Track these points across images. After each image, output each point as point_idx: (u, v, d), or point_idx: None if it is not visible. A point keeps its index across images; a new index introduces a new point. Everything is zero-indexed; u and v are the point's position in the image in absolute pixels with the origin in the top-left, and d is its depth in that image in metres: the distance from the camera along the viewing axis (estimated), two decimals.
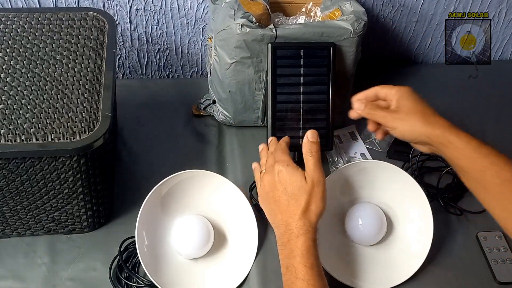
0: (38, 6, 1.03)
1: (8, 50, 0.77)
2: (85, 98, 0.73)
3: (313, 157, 0.76)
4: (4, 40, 0.79)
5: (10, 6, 1.02)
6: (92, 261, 0.82)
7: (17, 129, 0.68)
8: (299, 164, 0.97)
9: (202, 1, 1.06)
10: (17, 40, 0.79)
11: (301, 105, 0.91)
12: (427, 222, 0.85)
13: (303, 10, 1.01)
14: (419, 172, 0.96)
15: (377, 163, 0.88)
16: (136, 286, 0.80)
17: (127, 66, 1.18)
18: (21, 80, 0.73)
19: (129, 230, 0.82)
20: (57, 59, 0.77)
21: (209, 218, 0.85)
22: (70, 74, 0.75)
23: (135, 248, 0.80)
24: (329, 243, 0.83)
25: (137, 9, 1.06)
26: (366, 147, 1.01)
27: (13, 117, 0.69)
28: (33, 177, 0.72)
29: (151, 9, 1.07)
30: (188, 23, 1.10)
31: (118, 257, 0.81)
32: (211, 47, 0.95)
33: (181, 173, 0.83)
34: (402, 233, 0.87)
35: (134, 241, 0.80)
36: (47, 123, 0.69)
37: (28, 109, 0.70)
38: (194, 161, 0.96)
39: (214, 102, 1.01)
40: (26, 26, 0.81)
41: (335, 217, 0.87)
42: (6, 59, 0.76)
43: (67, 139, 0.68)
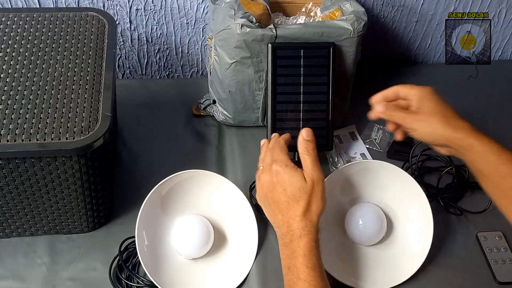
0: (38, 6, 1.03)
1: (8, 50, 0.77)
2: (85, 98, 0.73)
3: (310, 155, 0.75)
4: (4, 40, 0.79)
5: (10, 6, 1.02)
6: (92, 261, 0.82)
7: (17, 129, 0.68)
8: (299, 164, 0.97)
9: (202, 1, 1.06)
10: (17, 40, 0.79)
11: (301, 105, 0.91)
12: (427, 222, 0.85)
13: (303, 10, 1.01)
14: (419, 172, 0.96)
15: (377, 163, 0.88)
16: (136, 286, 0.80)
17: (127, 66, 1.18)
18: (21, 80, 0.73)
19: (129, 230, 0.82)
20: (57, 59, 0.77)
21: (209, 218, 0.85)
22: (70, 74, 0.75)
23: (135, 248, 0.80)
24: (329, 243, 0.83)
25: (137, 9, 1.06)
26: (366, 147, 1.01)
27: (13, 117, 0.69)
28: (33, 177, 0.72)
29: (151, 9, 1.07)
30: (188, 23, 1.10)
31: (118, 257, 0.81)
32: (211, 47, 0.95)
33: (181, 173, 0.83)
34: (402, 233, 0.87)
35: (134, 241, 0.80)
36: (47, 123, 0.69)
37: (28, 109, 0.70)
38: (194, 161, 0.96)
39: (214, 102, 1.01)
40: (26, 26, 0.81)
41: (335, 217, 0.87)
42: (6, 59, 0.76)
43: (67, 139, 0.68)
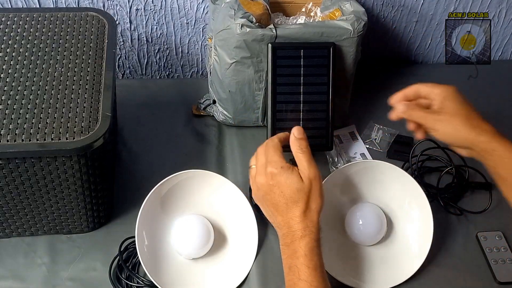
0: (38, 6, 1.03)
1: (8, 50, 0.77)
2: (85, 98, 0.73)
3: (304, 153, 0.74)
4: (4, 40, 0.79)
5: (10, 6, 1.02)
6: (92, 261, 0.82)
7: (17, 129, 0.68)
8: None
9: (202, 1, 1.06)
10: (17, 40, 0.79)
11: (301, 105, 0.91)
12: (427, 222, 0.85)
13: (303, 10, 1.01)
14: (419, 172, 0.96)
15: (377, 163, 0.88)
16: (136, 286, 0.80)
17: (127, 66, 1.18)
18: (21, 80, 0.73)
19: (129, 230, 0.82)
20: (57, 59, 0.77)
21: (209, 218, 0.85)
22: (70, 74, 0.75)
23: (135, 248, 0.80)
24: (329, 243, 0.83)
25: (137, 9, 1.06)
26: (366, 147, 1.01)
27: (13, 117, 0.69)
28: (33, 177, 0.72)
29: (151, 9, 1.07)
30: (188, 23, 1.10)
31: (118, 257, 0.81)
32: (211, 47, 0.95)
33: (181, 173, 0.83)
34: (402, 233, 0.87)
35: (134, 241, 0.80)
36: (47, 123, 0.69)
37: (28, 109, 0.70)
38: (194, 161, 0.96)
39: (214, 102, 1.01)
40: (26, 26, 0.81)
41: (335, 217, 0.87)
42: (6, 59, 0.76)
43: (67, 139, 0.68)
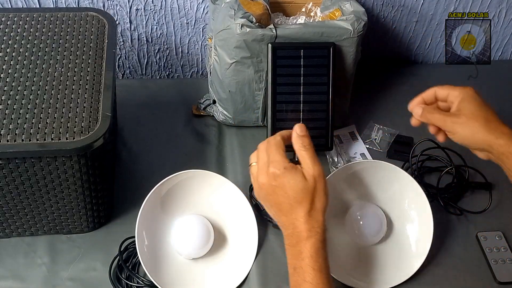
0: (38, 6, 1.03)
1: (8, 50, 0.77)
2: (85, 98, 0.73)
3: (307, 151, 0.71)
4: (4, 40, 0.79)
5: (10, 6, 1.02)
6: (92, 261, 0.82)
7: (17, 129, 0.68)
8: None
9: (202, 1, 1.06)
10: (17, 40, 0.79)
11: (301, 105, 0.91)
12: (427, 222, 0.85)
13: (303, 10, 1.01)
14: (419, 172, 0.96)
15: (377, 163, 0.88)
16: (136, 286, 0.80)
17: (127, 66, 1.18)
18: (21, 80, 0.73)
19: (129, 230, 0.82)
20: (57, 59, 0.77)
21: (209, 218, 0.85)
22: (70, 74, 0.75)
23: (135, 248, 0.80)
24: (329, 243, 0.83)
25: (137, 9, 1.06)
26: (366, 147, 1.01)
27: (13, 117, 0.69)
28: (33, 177, 0.72)
29: (151, 9, 1.07)
30: (188, 23, 1.10)
31: (118, 257, 0.81)
32: (211, 47, 0.95)
33: (181, 173, 0.83)
34: (402, 233, 0.87)
35: (134, 241, 0.80)
36: (47, 123, 0.69)
37: (28, 109, 0.70)
38: (194, 161, 0.96)
39: (214, 102, 1.01)
40: (26, 26, 0.81)
41: (335, 217, 0.87)
42: (6, 59, 0.76)
43: (67, 139, 0.68)
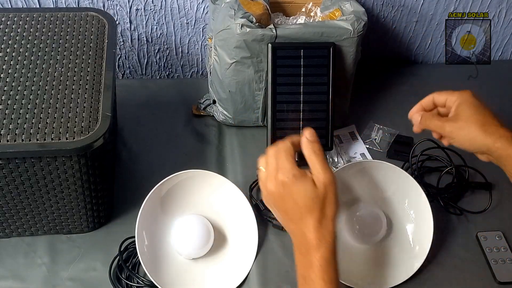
0: (38, 6, 1.03)
1: (8, 50, 0.77)
2: (85, 98, 0.73)
3: (318, 156, 0.68)
4: (4, 40, 0.79)
5: (10, 6, 1.02)
6: (92, 261, 0.82)
7: (17, 129, 0.68)
8: (300, 164, 0.97)
9: (202, 1, 1.06)
10: (17, 40, 0.79)
11: (301, 105, 0.91)
12: (427, 222, 0.85)
13: (303, 10, 1.01)
14: (419, 172, 0.96)
15: (377, 163, 0.88)
16: (136, 286, 0.80)
17: (127, 66, 1.18)
18: (21, 80, 0.73)
19: (129, 230, 0.82)
20: (57, 59, 0.77)
21: (209, 218, 0.85)
22: (70, 74, 0.75)
23: (135, 248, 0.80)
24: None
25: (137, 9, 1.06)
26: (366, 147, 1.01)
27: (13, 117, 0.69)
28: (33, 177, 0.72)
29: (151, 9, 1.07)
30: (188, 23, 1.10)
31: (118, 257, 0.81)
32: (211, 47, 0.95)
33: (181, 173, 0.83)
34: (402, 233, 0.87)
35: (134, 241, 0.80)
36: (47, 123, 0.69)
37: (28, 109, 0.70)
38: (194, 161, 0.96)
39: (214, 102, 1.01)
40: (26, 26, 0.81)
41: None
42: (6, 59, 0.76)
43: (67, 139, 0.68)
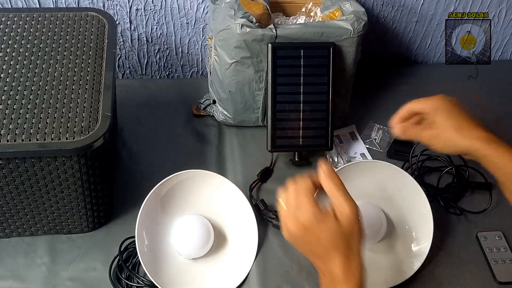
0: (38, 6, 1.03)
1: (8, 50, 0.77)
2: (85, 98, 0.73)
3: (339, 189, 0.64)
4: (4, 40, 0.79)
5: (10, 6, 1.02)
6: (92, 261, 0.82)
7: (17, 129, 0.68)
8: (300, 164, 0.97)
9: (202, 1, 1.06)
10: (17, 40, 0.79)
11: (301, 105, 0.91)
12: (427, 222, 0.85)
13: (303, 10, 1.01)
14: (419, 172, 0.96)
15: (377, 163, 0.88)
16: (136, 286, 0.80)
17: (127, 66, 1.18)
18: (21, 80, 0.73)
19: (129, 230, 0.82)
20: (57, 59, 0.77)
21: (209, 218, 0.85)
22: (70, 74, 0.75)
23: (135, 248, 0.80)
24: None
25: (137, 9, 1.06)
26: (366, 147, 1.01)
27: (13, 117, 0.69)
28: (33, 177, 0.72)
29: (151, 9, 1.07)
30: (188, 23, 1.10)
31: (118, 257, 0.81)
32: (211, 47, 0.95)
33: (181, 173, 0.83)
34: (402, 233, 0.87)
35: (134, 241, 0.80)
36: (47, 123, 0.69)
37: (28, 109, 0.70)
38: (194, 161, 0.96)
39: (214, 102, 1.01)
40: (26, 26, 0.81)
41: None
42: (6, 59, 0.76)
43: (67, 139, 0.68)
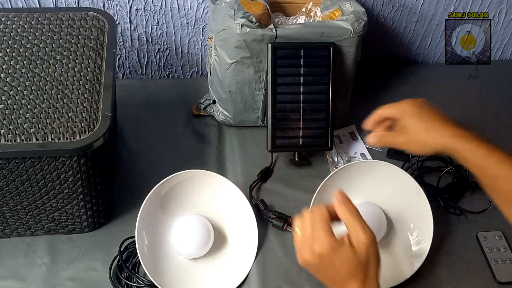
0: (38, 6, 1.03)
1: (8, 50, 0.77)
2: (85, 98, 0.73)
3: (354, 217, 0.65)
4: (4, 40, 0.79)
5: (10, 6, 1.02)
6: (92, 261, 0.82)
7: (17, 129, 0.68)
8: (300, 164, 0.97)
9: (202, 1, 1.06)
10: (17, 40, 0.79)
11: (301, 105, 0.91)
12: (427, 222, 0.85)
13: (303, 10, 1.01)
14: (419, 172, 0.96)
15: (377, 163, 0.88)
16: (136, 286, 0.80)
17: (127, 66, 1.18)
18: (21, 80, 0.73)
19: (129, 230, 0.82)
20: (57, 59, 0.77)
21: (209, 218, 0.85)
22: (70, 74, 0.75)
23: (135, 248, 0.80)
24: None
25: (137, 9, 1.06)
26: (366, 147, 1.01)
27: (13, 117, 0.69)
28: (33, 177, 0.72)
29: (151, 9, 1.07)
30: (188, 23, 1.10)
31: (118, 257, 0.81)
32: (211, 47, 0.95)
33: (181, 173, 0.83)
34: (402, 233, 0.87)
35: (134, 241, 0.80)
36: (47, 123, 0.69)
37: (28, 109, 0.70)
38: (194, 161, 0.96)
39: (214, 102, 1.01)
40: (26, 26, 0.81)
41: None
42: (6, 59, 0.76)
43: (67, 139, 0.68)
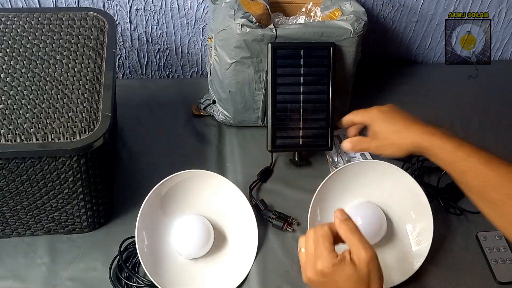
0: (38, 6, 1.03)
1: (8, 50, 0.77)
2: (85, 98, 0.73)
3: (355, 234, 0.66)
4: (4, 40, 0.79)
5: (10, 6, 1.02)
6: (92, 261, 0.82)
7: (17, 129, 0.68)
8: (300, 164, 0.97)
9: (202, 1, 1.06)
10: (17, 40, 0.79)
11: (301, 105, 0.91)
12: (427, 222, 0.85)
13: (303, 10, 1.01)
14: (419, 172, 0.96)
15: (377, 163, 0.88)
16: (136, 286, 0.80)
17: (127, 66, 1.18)
18: (21, 80, 0.73)
19: (129, 230, 0.82)
20: (57, 59, 0.77)
21: (209, 218, 0.85)
22: (70, 74, 0.75)
23: (135, 248, 0.80)
24: None
25: (137, 9, 1.06)
26: None
27: (13, 117, 0.69)
28: (33, 177, 0.72)
29: (151, 9, 1.07)
30: (188, 23, 1.10)
31: (118, 257, 0.81)
32: (211, 47, 0.95)
33: (181, 173, 0.83)
34: (402, 233, 0.87)
35: (134, 241, 0.80)
36: (47, 123, 0.69)
37: (28, 109, 0.70)
38: (194, 161, 0.96)
39: (214, 102, 1.01)
40: (26, 26, 0.81)
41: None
42: (6, 59, 0.76)
43: (67, 139, 0.68)
